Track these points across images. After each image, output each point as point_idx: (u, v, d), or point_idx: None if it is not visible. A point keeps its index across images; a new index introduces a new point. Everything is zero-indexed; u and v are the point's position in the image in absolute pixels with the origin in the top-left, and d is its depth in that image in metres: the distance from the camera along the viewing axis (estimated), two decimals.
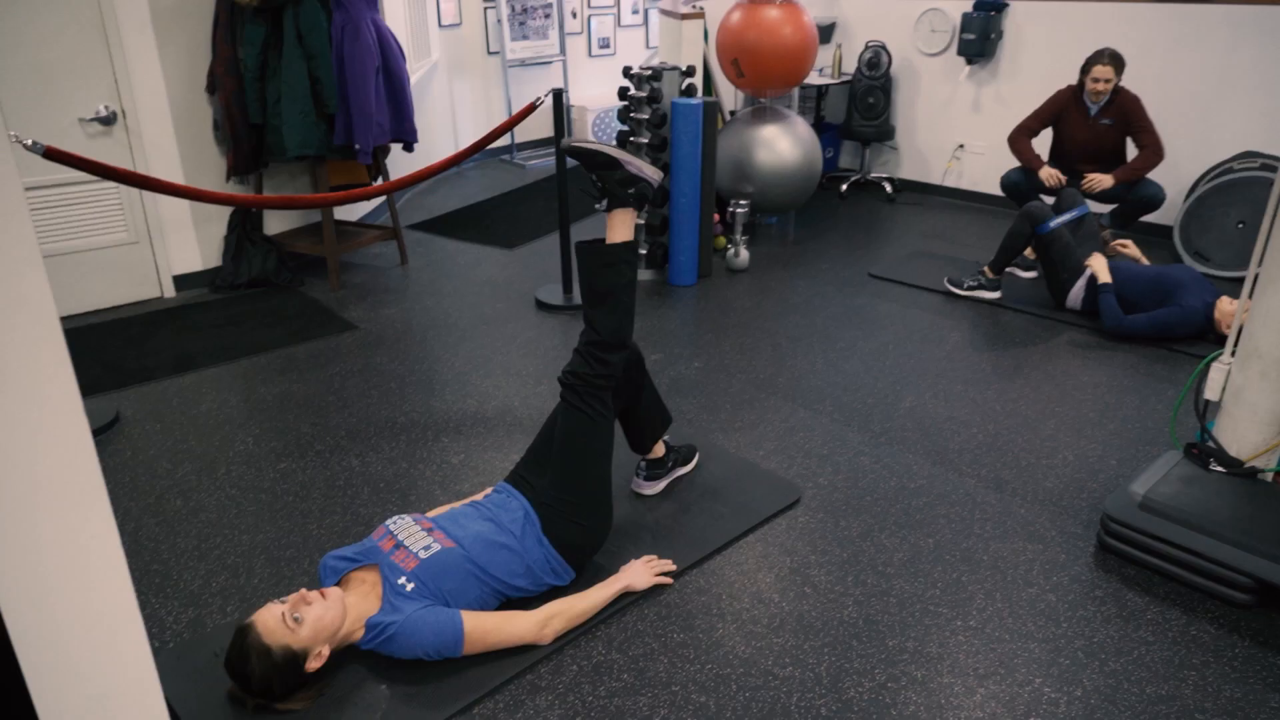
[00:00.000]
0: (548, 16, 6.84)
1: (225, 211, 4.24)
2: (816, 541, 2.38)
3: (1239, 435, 2.40)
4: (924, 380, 3.32)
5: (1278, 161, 4.32)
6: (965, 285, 4.12)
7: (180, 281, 4.19)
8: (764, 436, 2.91)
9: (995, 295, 4.08)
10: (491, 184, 6.29)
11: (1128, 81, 4.70)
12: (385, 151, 4.36)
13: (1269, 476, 2.40)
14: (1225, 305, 3.54)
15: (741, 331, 3.76)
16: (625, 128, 4.18)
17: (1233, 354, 2.43)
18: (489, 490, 2.31)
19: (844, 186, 6.03)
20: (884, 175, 6.17)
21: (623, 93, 4.15)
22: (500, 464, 2.75)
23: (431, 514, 2.20)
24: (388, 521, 2.10)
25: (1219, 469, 2.39)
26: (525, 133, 7.11)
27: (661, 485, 2.60)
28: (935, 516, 2.49)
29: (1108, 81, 4.30)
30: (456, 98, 6.71)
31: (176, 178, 4.00)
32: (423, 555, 1.97)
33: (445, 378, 3.34)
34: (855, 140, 6.07)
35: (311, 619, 1.80)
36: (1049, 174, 4.44)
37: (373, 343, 3.64)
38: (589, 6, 7.36)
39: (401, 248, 4.60)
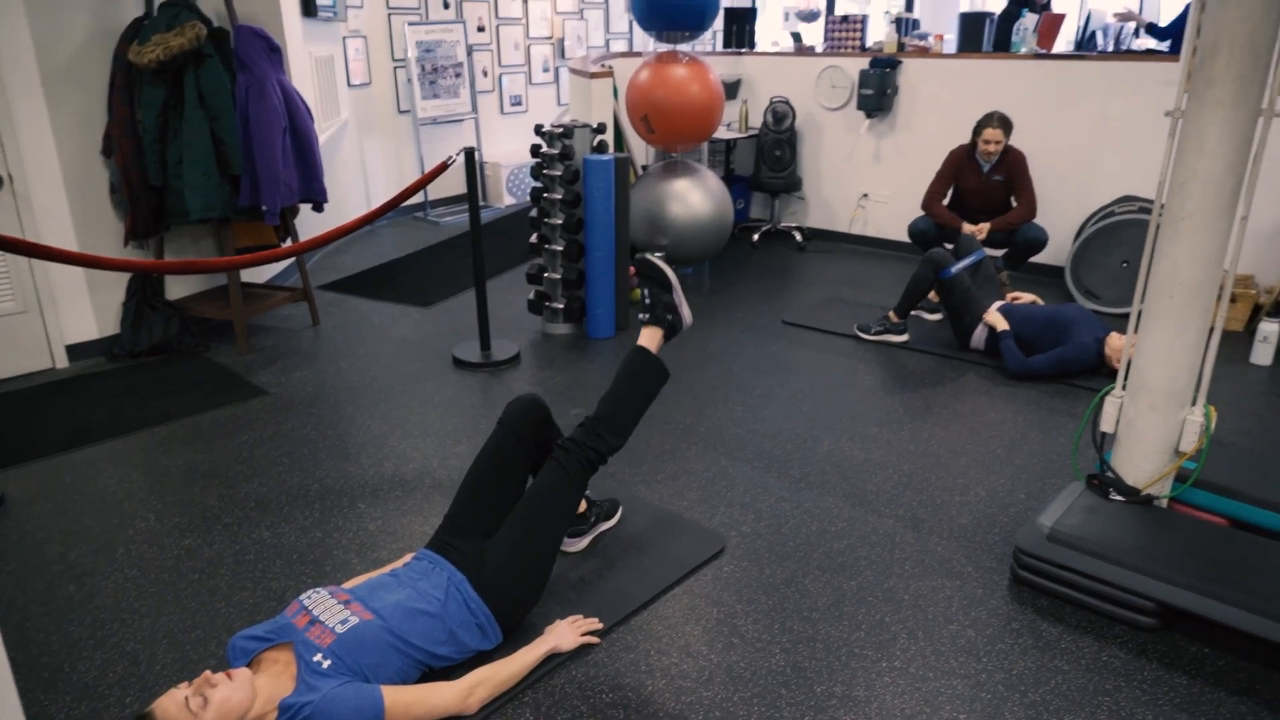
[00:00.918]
0: (458, 75, 6.89)
1: (123, 277, 4.09)
2: (742, 590, 2.38)
3: (1135, 465, 2.52)
4: (840, 424, 3.39)
5: (1152, 204, 4.62)
6: (873, 330, 4.25)
7: (74, 351, 4.00)
8: (687, 487, 2.92)
9: (903, 338, 4.22)
10: (405, 242, 6.23)
11: (1018, 131, 4.98)
12: (294, 212, 4.29)
13: (1164, 503, 2.53)
14: (1115, 341, 3.74)
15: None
16: (539, 184, 4.21)
17: (1124, 387, 2.56)
18: (409, 557, 2.25)
19: (756, 236, 6.19)
20: (794, 224, 6.37)
21: (535, 150, 4.19)
22: (420, 528, 2.68)
23: (348, 585, 2.12)
24: (301, 596, 2.02)
25: (1118, 498, 2.50)
26: (439, 190, 7.10)
27: (585, 542, 2.57)
28: (857, 558, 2.53)
29: (998, 143, 4.62)
30: (368, 156, 6.67)
31: (70, 243, 3.84)
32: (339, 630, 1.89)
33: (360, 441, 3.25)
34: (765, 191, 6.25)
35: (217, 702, 1.70)
36: (971, 228, 4.67)
37: (284, 407, 3.53)
38: (500, 65, 7.45)
39: (313, 309, 4.50)
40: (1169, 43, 6.10)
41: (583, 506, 2.56)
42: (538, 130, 4.17)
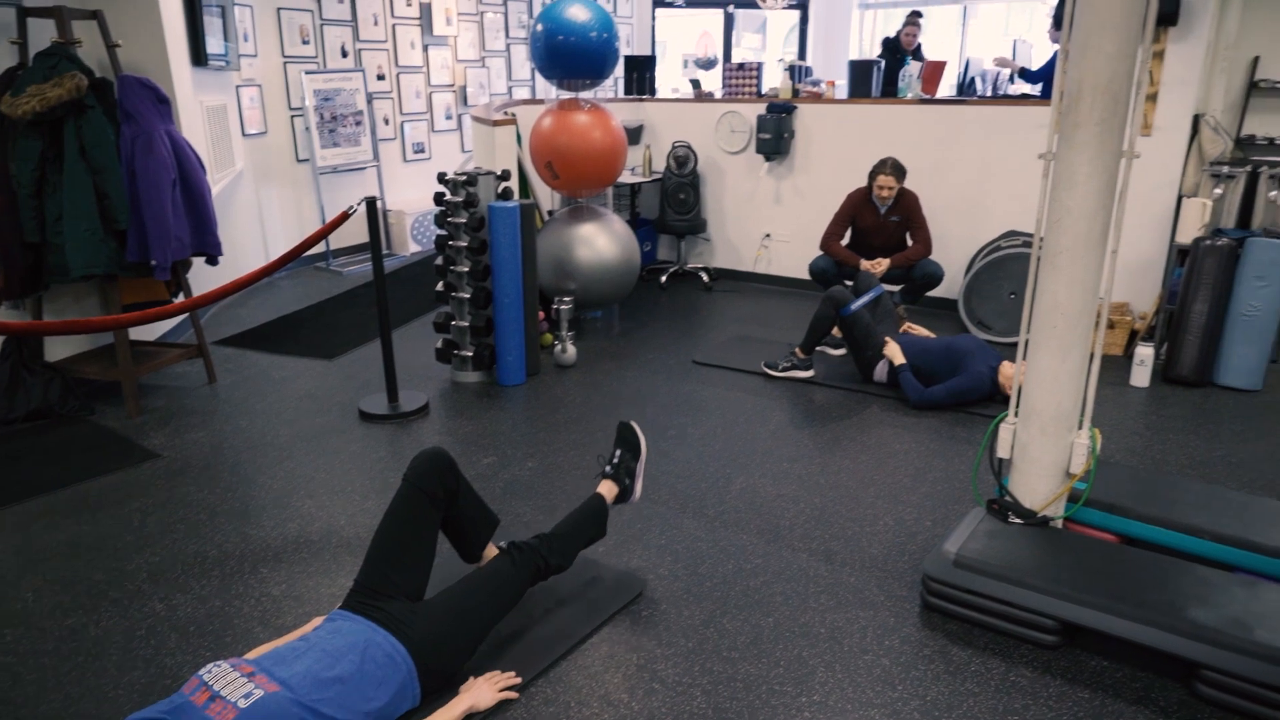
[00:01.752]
0: (359, 124, 6.81)
1: None
2: (661, 634, 2.36)
3: (1030, 488, 2.63)
4: (752, 460, 3.43)
5: (1033, 239, 4.89)
6: (780, 367, 4.34)
7: None
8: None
9: (809, 374, 4.33)
10: (307, 293, 6.07)
11: (910, 172, 5.21)
12: (186, 266, 4.14)
13: (1060, 523, 2.64)
14: (1006, 369, 3.92)
15: (574, 427, 3.77)
16: (444, 232, 4.18)
17: (1016, 414, 2.68)
18: (318, 621, 2.16)
19: (664, 278, 6.27)
20: (700, 265, 6.48)
21: (439, 198, 4.17)
22: (328, 590, 2.58)
23: (252, 655, 2.02)
24: (200, 671, 1.90)
25: (1017, 521, 2.60)
26: (341, 239, 6.96)
27: None
28: (773, 595, 2.55)
29: (891, 188, 4.87)
30: (265, 207, 6.50)
31: None
32: (242, 705, 1.79)
33: (262, 502, 3.12)
34: (671, 234, 6.36)
35: None
36: (869, 265, 4.85)
37: (178, 471, 3.36)
38: (401, 113, 7.40)
39: (208, 366, 4.32)
40: (1040, 86, 6.52)
41: (493, 556, 2.50)
42: (441, 178, 4.15)
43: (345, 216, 3.72)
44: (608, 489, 2.62)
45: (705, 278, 6.30)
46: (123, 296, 4.04)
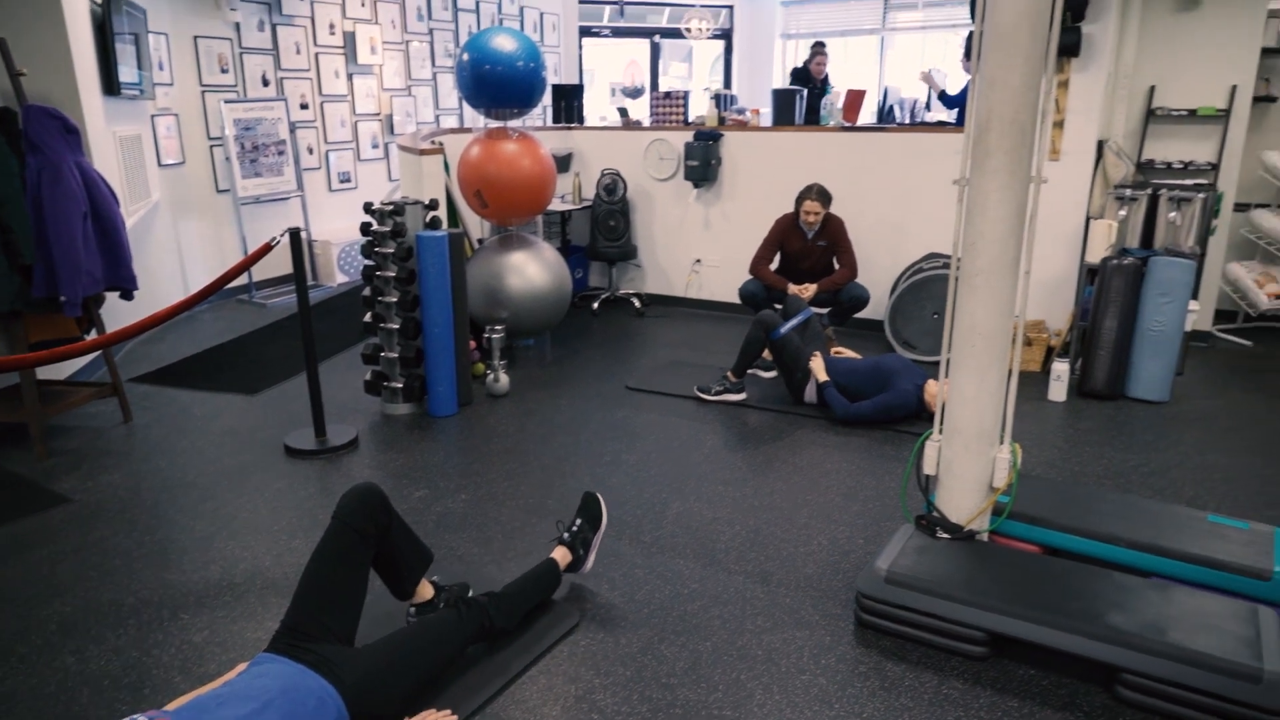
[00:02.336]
0: (281, 153, 6.69)
1: None
2: (599, 663, 2.34)
3: (956, 503, 2.70)
4: (687, 485, 3.45)
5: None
6: (713, 390, 4.38)
7: None
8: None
9: (741, 397, 4.38)
10: (229, 326, 5.90)
11: (835, 196, 5.33)
12: (98, 301, 3.99)
13: (985, 536, 2.71)
14: (931, 387, 4.03)
15: (508, 457, 3.73)
16: (371, 262, 4.12)
17: (940, 431, 2.75)
18: (242, 666, 2.08)
19: (596, 304, 6.28)
20: (632, 291, 6.52)
21: (365, 228, 4.11)
22: (254, 634, 2.49)
23: (171, 707, 1.93)
24: None
25: (945, 536, 2.66)
26: (265, 270, 6.80)
27: None
28: (710, 618, 2.55)
29: (817, 214, 5.00)
30: (184, 239, 6.31)
31: None
32: None
33: (183, 545, 3.00)
34: (602, 260, 6.38)
35: None
36: (797, 289, 4.95)
37: (91, 516, 3.21)
38: (326, 142, 7.29)
39: (124, 404, 4.15)
40: (956, 112, 6.78)
41: (428, 592, 2.46)
42: (367, 208, 4.09)
43: (268, 248, 3.64)
44: (562, 555, 2.65)
45: (637, 304, 6.34)
46: (29, 334, 3.86)
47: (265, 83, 6.76)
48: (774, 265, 5.28)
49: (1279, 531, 2.59)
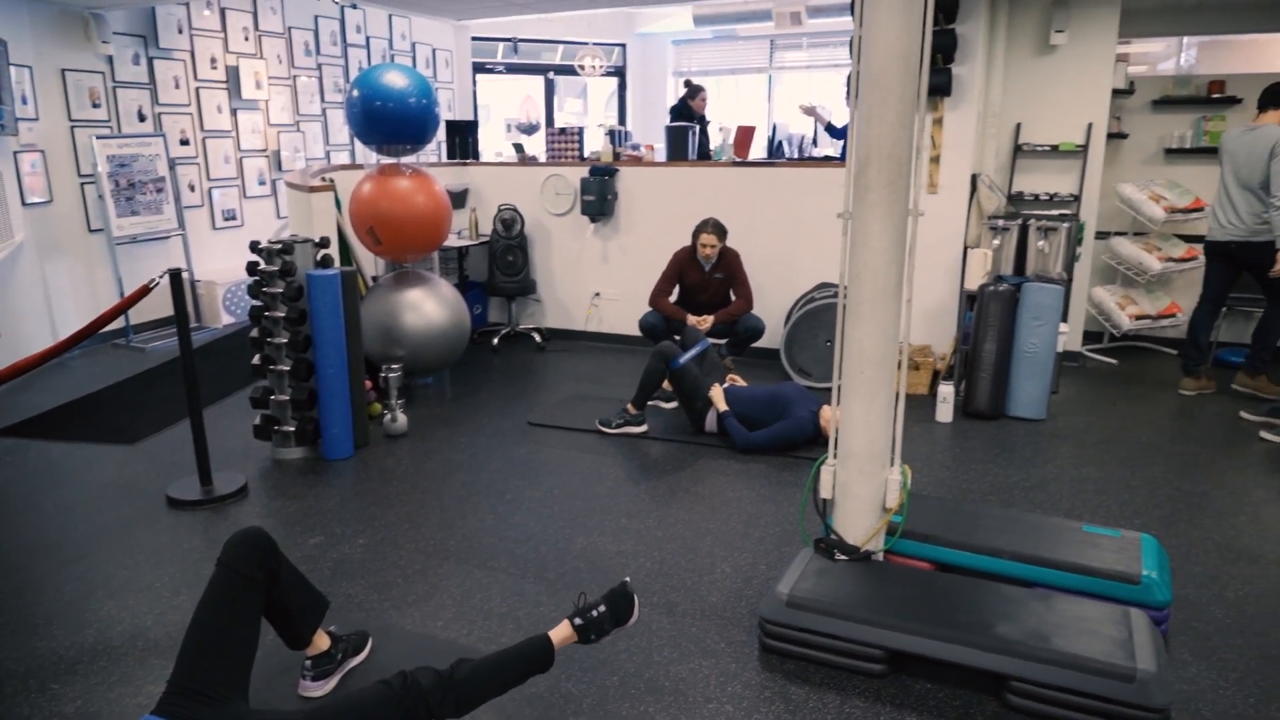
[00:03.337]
0: (160, 191, 6.41)
1: None
2: (504, 706, 2.29)
3: (852, 525, 2.78)
4: (591, 519, 3.44)
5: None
6: (614, 423, 4.40)
7: None
8: (440, 606, 2.80)
9: (642, 429, 4.41)
10: (104, 373, 5.58)
11: (729, 229, 5.46)
12: None
13: (881, 556, 2.79)
14: (826, 412, 4.15)
15: (406, 499, 3.64)
16: (259, 303, 3.98)
17: (835, 455, 2.83)
18: None
19: (496, 340, 6.23)
20: (532, 326, 6.50)
21: (252, 267, 3.97)
22: (133, 700, 2.33)
23: None
24: None
25: (843, 557, 2.73)
26: (144, 313, 6.46)
27: (333, 682, 2.37)
28: (617, 653, 2.54)
29: (714, 246, 5.14)
30: (52, 281, 5.96)
31: None
32: None
33: (51, 610, 2.80)
34: (501, 295, 6.35)
35: None
36: (696, 320, 5.04)
37: None
38: (209, 179, 7.03)
39: None
40: (842, 145, 7.07)
41: (325, 643, 2.36)
42: (254, 247, 3.96)
43: (146, 290, 3.48)
44: (563, 636, 2.17)
45: (538, 338, 6.32)
46: None
47: (142, 118, 6.49)
48: (673, 297, 5.36)
49: (1145, 538, 2.76)
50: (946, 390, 4.64)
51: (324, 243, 4.12)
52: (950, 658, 2.29)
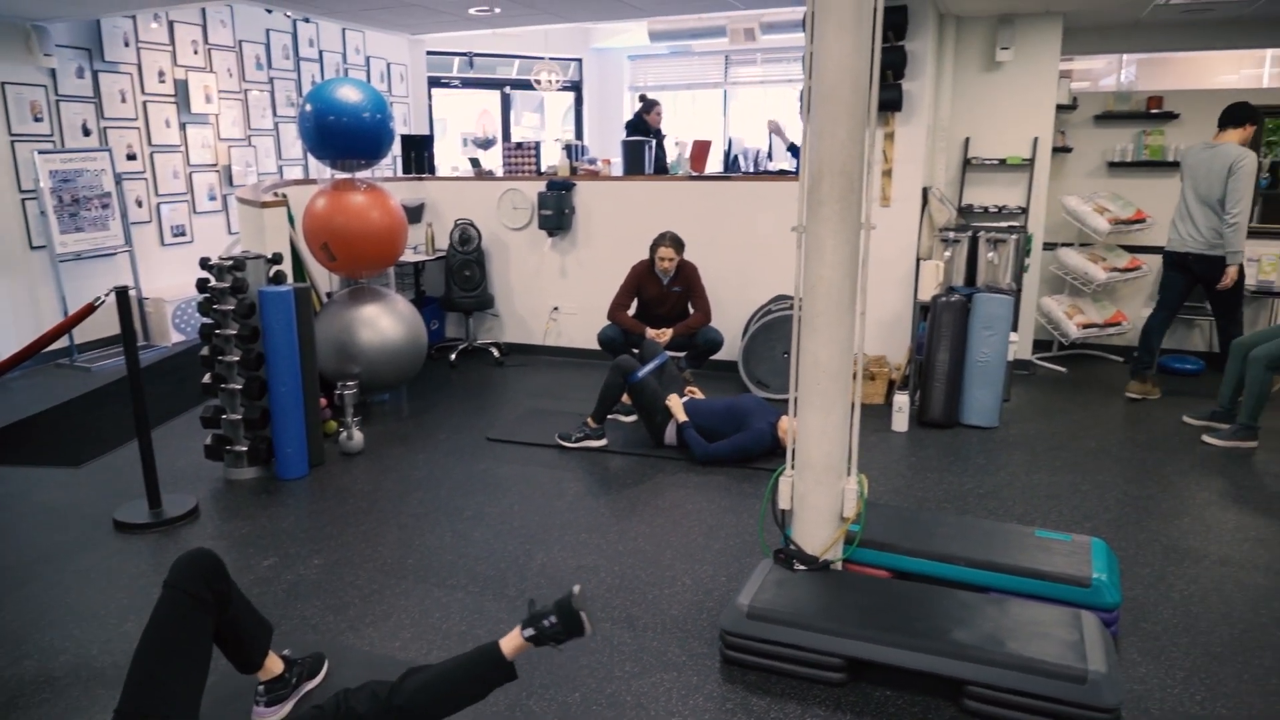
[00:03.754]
0: (106, 206, 6.27)
1: None
2: None
3: (811, 535, 2.80)
4: (551, 535, 3.42)
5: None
6: (574, 438, 4.38)
7: None
8: (399, 626, 2.76)
9: (602, 443, 4.40)
10: (47, 394, 5.42)
11: (687, 243, 5.49)
12: None
13: (839, 565, 2.82)
14: (784, 423, 4.18)
15: (363, 517, 3.59)
16: (210, 320, 3.90)
17: (793, 466, 2.86)
18: None
19: (453, 355, 6.18)
20: (490, 341, 6.46)
21: (202, 284, 3.90)
22: None
23: None
24: None
25: (802, 567, 2.75)
26: (90, 331, 6.30)
27: (287, 707, 2.32)
28: (579, 669, 2.52)
29: (672, 259, 5.16)
30: None
31: None
32: None
33: None
34: (458, 311, 6.30)
35: None
36: (655, 333, 5.05)
37: None
38: (157, 195, 6.89)
39: None
40: (798, 160, 7.16)
41: (278, 667, 2.31)
42: (204, 264, 3.89)
43: (91, 308, 3.39)
44: (512, 645, 2.07)
45: (496, 353, 6.28)
46: None
47: (86, 132, 6.35)
48: (631, 311, 5.37)
49: (1095, 541, 2.82)
50: (902, 400, 4.70)
51: (277, 259, 4.06)
52: (908, 664, 2.32)
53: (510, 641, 2.08)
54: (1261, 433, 4.42)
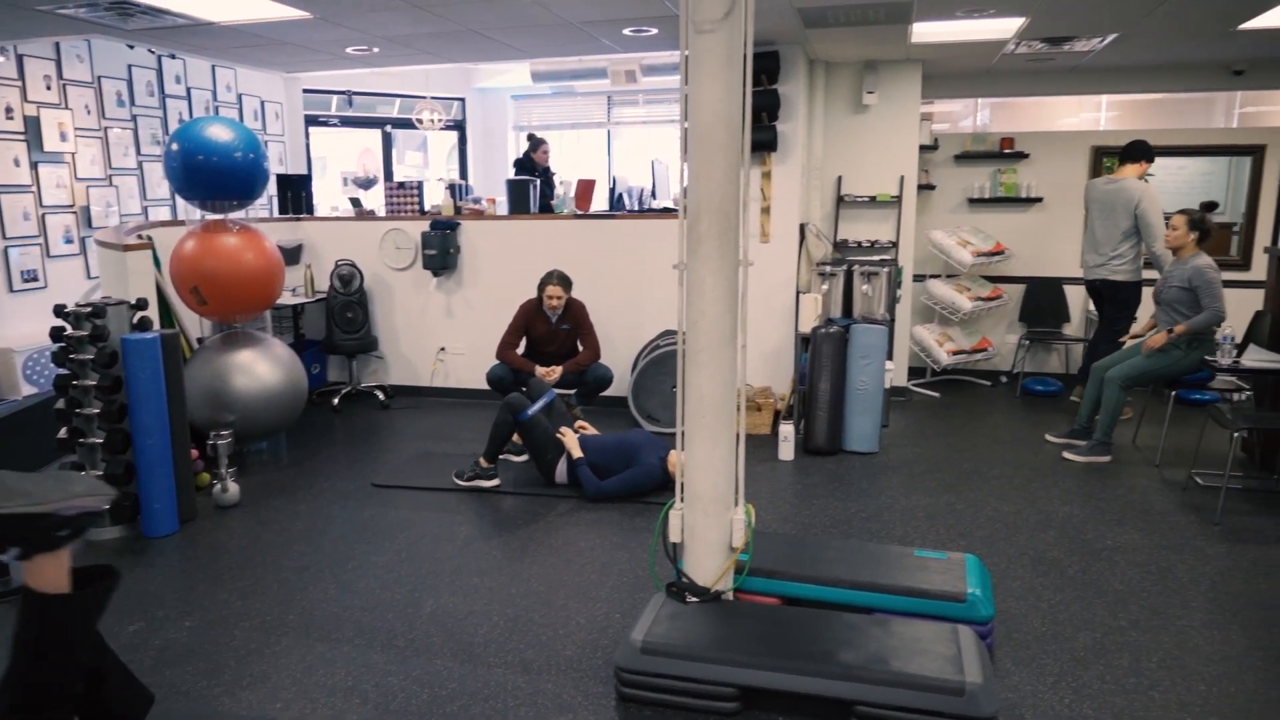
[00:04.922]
0: None
1: None
2: None
3: (702, 566, 2.83)
4: (441, 581, 3.33)
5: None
6: (465, 475, 4.31)
7: None
8: (279, 686, 2.63)
9: (494, 483, 4.34)
10: None
11: (575, 280, 5.51)
12: None
13: (731, 595, 2.86)
14: (673, 457, 4.22)
15: (239, 574, 3.41)
16: (66, 371, 3.66)
17: (682, 499, 2.89)
18: None
19: (336, 400, 5.99)
20: (375, 384, 6.29)
21: (57, 333, 3.66)
22: None
23: None
24: None
25: (694, 599, 2.77)
26: None
27: None
28: (472, 718, 2.46)
29: (559, 298, 5.17)
30: None
31: None
32: None
33: None
34: (340, 353, 6.12)
35: None
36: (544, 371, 5.02)
37: None
38: (4, 237, 6.44)
39: None
40: None
41: None
42: (59, 311, 3.66)
43: None
44: (52, 568, 1.80)
45: (381, 396, 6.12)
46: None
47: None
48: (520, 349, 5.34)
49: (969, 558, 2.96)
50: (787, 429, 4.83)
51: (141, 304, 3.86)
52: (798, 689, 2.36)
53: (35, 579, 1.78)
54: (1114, 448, 4.76)
